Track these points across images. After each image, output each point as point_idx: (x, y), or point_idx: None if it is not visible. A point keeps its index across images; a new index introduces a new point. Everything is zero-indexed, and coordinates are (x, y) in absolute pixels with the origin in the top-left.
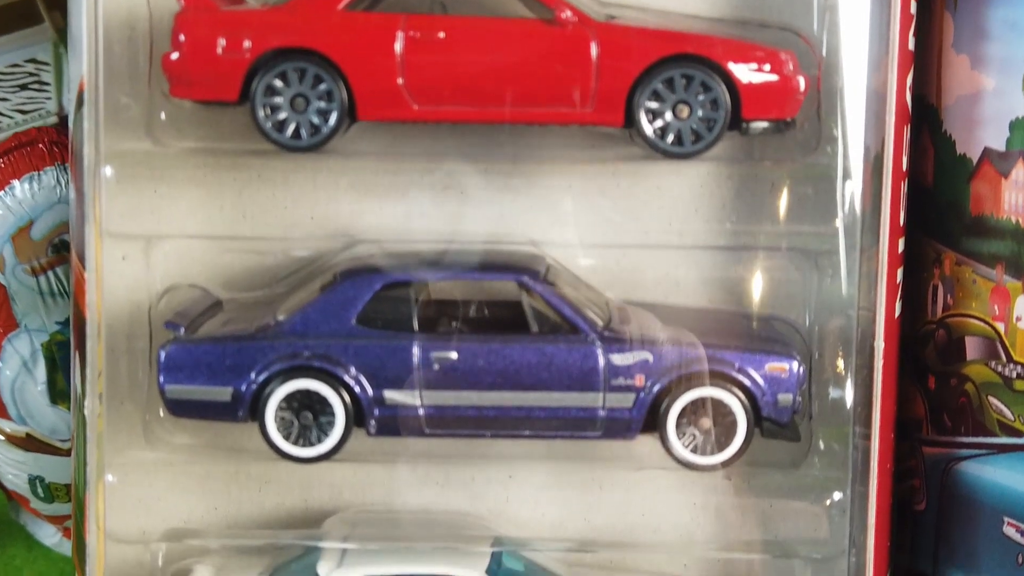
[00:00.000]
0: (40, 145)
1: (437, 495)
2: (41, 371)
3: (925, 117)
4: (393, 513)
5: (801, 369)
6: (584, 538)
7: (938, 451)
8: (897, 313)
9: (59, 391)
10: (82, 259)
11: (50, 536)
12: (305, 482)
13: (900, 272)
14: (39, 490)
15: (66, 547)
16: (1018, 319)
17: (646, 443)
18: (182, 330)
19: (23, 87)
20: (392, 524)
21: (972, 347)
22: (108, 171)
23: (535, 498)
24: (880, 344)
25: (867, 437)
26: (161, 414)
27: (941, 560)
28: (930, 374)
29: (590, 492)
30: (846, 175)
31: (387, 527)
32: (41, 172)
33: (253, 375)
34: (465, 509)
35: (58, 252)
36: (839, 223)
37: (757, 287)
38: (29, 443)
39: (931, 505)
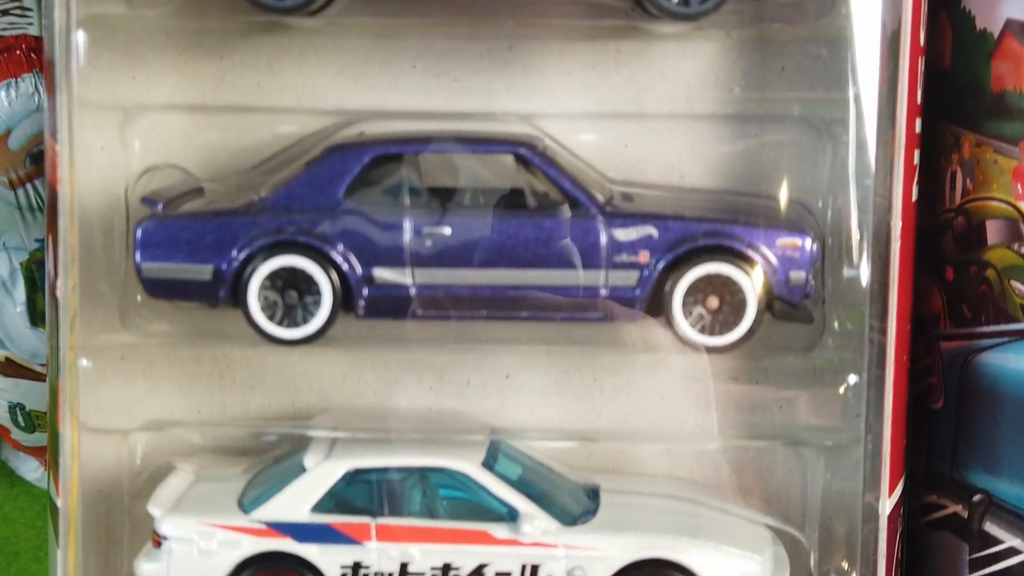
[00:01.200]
0: (17, 52)
1: (431, 399)
2: (20, 291)
3: None
4: (386, 409)
5: (814, 246)
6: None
7: (957, 344)
8: (914, 197)
9: (39, 312)
10: (54, 133)
11: (32, 471)
12: (292, 386)
13: (917, 154)
14: (20, 418)
15: None
16: None
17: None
18: (160, 207)
19: (5, 12)
20: (384, 418)
21: (993, 231)
22: (80, 37)
23: (533, 402)
24: (897, 224)
25: (883, 332)
26: (139, 299)
27: (960, 457)
28: (948, 265)
29: (591, 395)
30: (859, 39)
31: (379, 420)
32: (18, 79)
33: (235, 252)
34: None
35: (36, 163)
36: (852, 89)
37: (768, 160)
38: (8, 368)
39: (949, 402)
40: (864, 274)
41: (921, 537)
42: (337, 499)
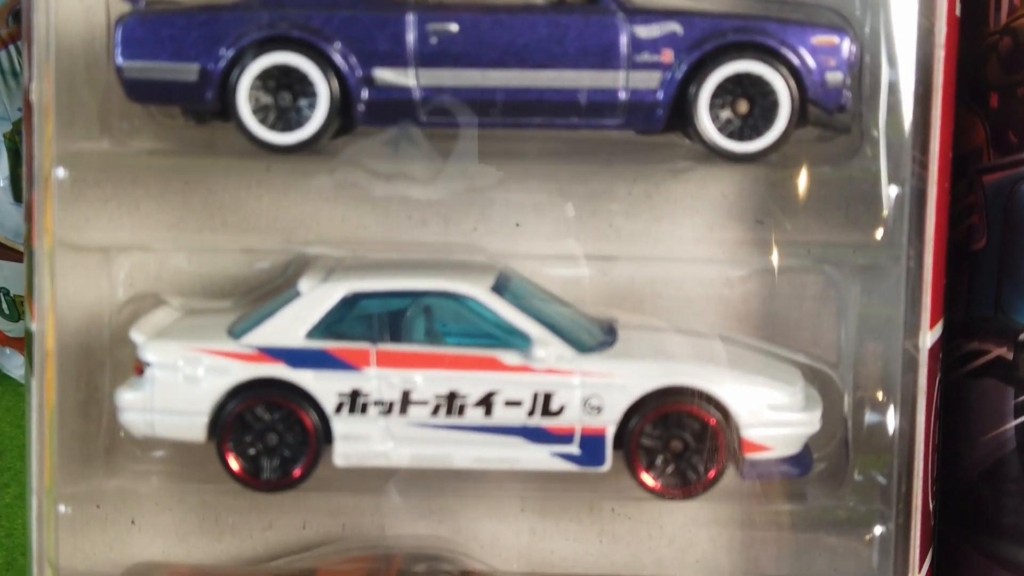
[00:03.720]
0: None
1: (436, 251)
2: (4, 164)
3: None
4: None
5: (853, 47)
6: (603, 288)
7: (1001, 175)
8: (958, 11)
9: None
10: None
11: (18, 367)
12: (287, 229)
13: None
14: (3, 305)
15: None
16: None
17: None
18: (142, 2)
19: None
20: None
21: None
22: None
23: (544, 249)
24: (941, 29)
25: (924, 165)
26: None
27: (1005, 296)
28: (992, 92)
29: (606, 239)
30: None
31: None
32: None
33: (223, 49)
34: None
35: (20, 23)
36: None
37: None
38: None
39: (992, 239)
40: (905, 76)
41: (961, 389)
42: (334, 324)
